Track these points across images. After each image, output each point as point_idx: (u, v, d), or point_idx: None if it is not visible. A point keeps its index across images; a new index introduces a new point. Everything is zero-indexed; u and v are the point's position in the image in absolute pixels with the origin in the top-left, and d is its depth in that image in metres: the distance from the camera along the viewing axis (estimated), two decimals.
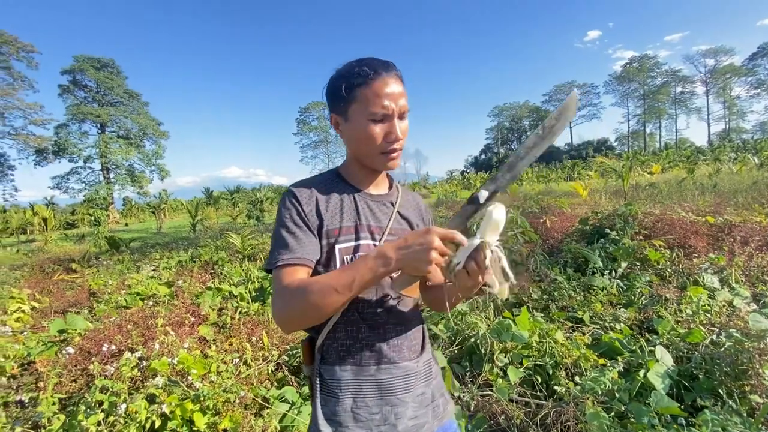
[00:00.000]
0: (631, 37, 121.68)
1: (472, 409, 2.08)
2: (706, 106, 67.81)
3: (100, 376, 1.96)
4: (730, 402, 1.72)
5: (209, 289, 3.77)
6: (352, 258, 0.88)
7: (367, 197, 0.94)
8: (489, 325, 2.59)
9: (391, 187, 1.01)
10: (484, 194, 0.66)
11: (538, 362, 2.29)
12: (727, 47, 64.02)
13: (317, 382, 0.89)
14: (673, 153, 36.14)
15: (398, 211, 0.97)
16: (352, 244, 0.88)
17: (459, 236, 0.70)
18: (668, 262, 3.74)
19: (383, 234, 0.91)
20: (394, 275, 0.83)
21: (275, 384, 2.46)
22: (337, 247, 0.87)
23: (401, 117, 0.87)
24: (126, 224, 28.69)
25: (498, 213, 0.66)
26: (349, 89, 0.84)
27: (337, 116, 0.90)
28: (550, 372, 2.24)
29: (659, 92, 67.61)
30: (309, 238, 0.86)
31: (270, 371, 2.52)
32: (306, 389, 2.29)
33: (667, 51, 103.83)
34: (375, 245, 0.89)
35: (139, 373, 2.09)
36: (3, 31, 29.08)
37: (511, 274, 0.68)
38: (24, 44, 30.24)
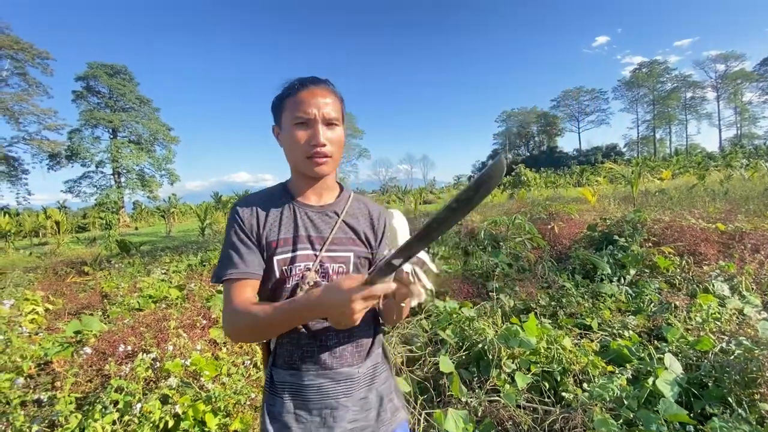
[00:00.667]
0: (640, 43, 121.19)
1: (479, 414, 2.09)
2: (717, 111, 67.10)
3: (116, 376, 2.00)
4: (740, 410, 1.71)
5: (220, 292, 3.82)
6: (290, 269, 0.92)
7: (307, 208, 0.97)
8: (497, 331, 2.60)
9: (339, 196, 1.03)
10: (398, 261, 0.65)
11: (545, 368, 2.30)
12: (738, 53, 63.48)
13: (268, 382, 0.97)
14: (684, 159, 35.75)
15: (344, 221, 0.99)
16: (289, 255, 0.92)
17: (380, 290, 0.68)
18: (678, 270, 3.72)
19: (324, 243, 0.94)
20: None
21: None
22: (275, 258, 0.92)
23: (328, 125, 0.91)
24: (136, 228, 29.07)
25: (398, 222, 0.75)
26: (281, 100, 0.93)
27: (276, 126, 0.98)
28: (558, 378, 2.25)
29: (669, 98, 67.07)
30: (252, 252, 0.92)
31: None
32: None
33: (677, 56, 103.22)
34: (316, 255, 0.93)
35: (152, 374, 2.14)
36: (19, 38, 29.82)
37: (429, 284, 0.71)
38: (39, 51, 30.95)
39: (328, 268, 0.95)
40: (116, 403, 1.86)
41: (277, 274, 0.92)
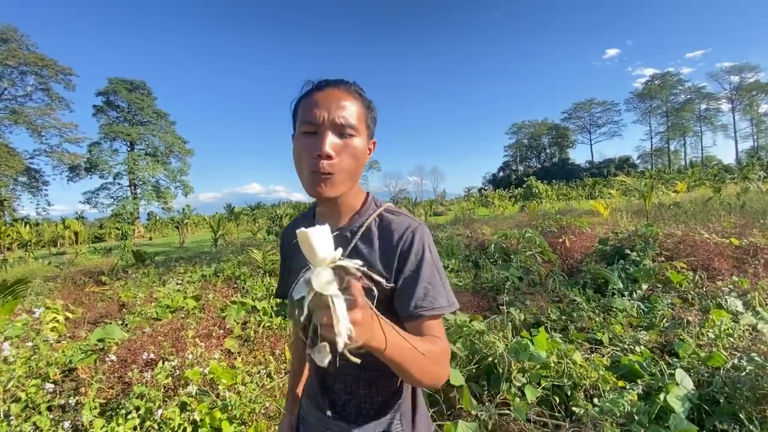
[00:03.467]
0: (651, 55, 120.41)
1: (489, 427, 2.11)
2: (733, 123, 66.10)
3: (137, 383, 2.09)
4: (751, 427, 1.71)
5: (233, 303, 3.91)
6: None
7: None
8: (507, 345, 2.62)
9: (359, 212, 0.84)
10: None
11: (556, 383, 2.31)
12: (752, 64, 62.73)
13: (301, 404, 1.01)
14: (699, 171, 35.20)
15: (357, 245, 0.79)
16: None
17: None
18: (691, 285, 3.69)
19: None
20: None
21: None
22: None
23: (340, 133, 0.73)
24: (150, 238, 29.61)
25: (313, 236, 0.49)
26: (295, 105, 0.80)
27: (293, 138, 0.80)
28: (569, 393, 2.25)
29: (683, 109, 66.36)
30: (283, 282, 0.97)
31: None
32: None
33: (689, 68, 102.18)
34: None
35: (171, 382, 2.21)
36: (44, 55, 31.11)
37: (345, 325, 0.46)
38: (63, 67, 32.23)
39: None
40: (138, 409, 1.94)
41: None
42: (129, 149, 37.01)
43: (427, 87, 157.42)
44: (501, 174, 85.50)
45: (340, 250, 0.51)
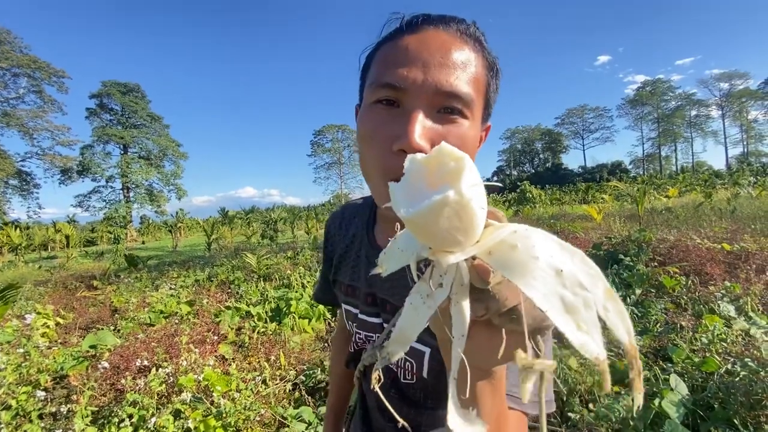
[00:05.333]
0: (642, 62, 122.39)
1: None
2: (723, 129, 67.13)
3: (130, 390, 2.06)
4: None
5: (228, 308, 3.88)
6: (352, 327, 0.68)
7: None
8: None
9: None
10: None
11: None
12: (741, 71, 63.85)
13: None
14: (690, 176, 35.66)
15: None
16: (351, 310, 0.69)
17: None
18: (684, 290, 3.73)
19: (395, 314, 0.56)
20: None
21: (292, 403, 2.52)
22: (342, 304, 0.72)
23: (440, 108, 0.45)
24: (143, 242, 29.33)
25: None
26: (369, 55, 0.52)
27: (358, 105, 0.57)
28: (564, 398, 2.26)
29: (674, 116, 67.31)
30: (326, 283, 0.77)
31: (287, 391, 2.59)
32: (321, 409, 2.34)
33: (679, 75, 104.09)
34: (383, 325, 0.62)
35: (164, 389, 2.19)
36: (37, 57, 30.88)
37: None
38: (56, 70, 31.99)
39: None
40: (131, 416, 1.91)
41: (347, 324, 0.72)
42: (122, 152, 36.75)
43: None
44: (495, 179, 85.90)
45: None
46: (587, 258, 0.24)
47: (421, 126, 0.43)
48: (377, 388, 0.31)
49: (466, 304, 0.26)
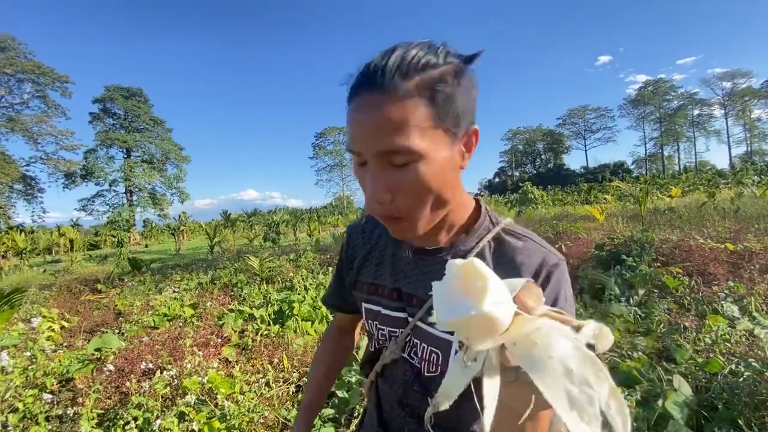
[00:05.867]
0: (643, 62, 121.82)
1: None
2: (726, 128, 66.88)
3: (135, 393, 2.07)
4: None
5: (231, 311, 3.90)
6: (373, 325, 0.71)
7: (411, 249, 0.65)
8: None
9: (467, 233, 0.62)
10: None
11: None
12: (744, 70, 63.65)
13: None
14: (693, 176, 35.53)
15: None
16: (373, 308, 0.71)
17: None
18: (687, 290, 3.72)
19: (423, 309, 0.62)
20: None
21: (296, 405, 2.53)
22: (363, 305, 0.74)
23: (391, 162, 0.50)
24: (146, 245, 29.45)
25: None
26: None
27: None
28: None
29: (676, 115, 67.09)
30: (340, 288, 0.81)
31: (291, 393, 2.60)
32: (326, 411, 2.35)
33: (681, 74, 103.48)
34: (407, 320, 0.64)
35: (169, 391, 2.20)
36: (41, 63, 31.15)
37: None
38: (60, 75, 32.26)
39: (417, 347, 0.64)
40: (136, 419, 1.93)
41: (366, 325, 0.73)
42: (125, 156, 36.98)
43: None
44: (497, 180, 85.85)
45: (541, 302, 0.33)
46: (598, 360, 0.29)
47: (378, 183, 0.50)
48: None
49: (496, 380, 0.32)
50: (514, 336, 0.30)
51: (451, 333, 0.56)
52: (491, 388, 0.32)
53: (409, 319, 0.63)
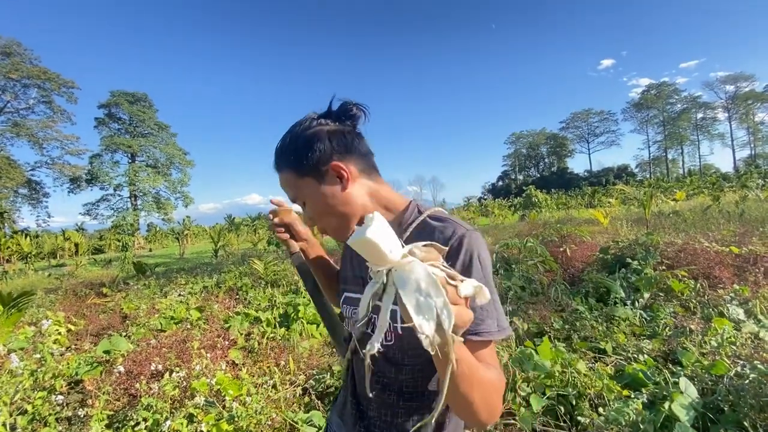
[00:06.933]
0: (646, 65, 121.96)
1: None
2: (730, 132, 66.61)
3: (145, 395, 2.09)
4: None
5: (237, 314, 3.92)
6: (344, 309, 0.87)
7: None
8: (511, 354, 2.63)
9: (399, 223, 0.77)
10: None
11: (561, 392, 2.31)
12: (747, 74, 63.50)
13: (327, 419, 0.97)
14: (698, 179, 35.38)
15: None
16: (342, 294, 0.88)
17: None
18: (692, 293, 3.71)
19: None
20: None
21: (302, 408, 2.55)
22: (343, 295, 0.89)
23: (303, 204, 0.80)
24: (150, 249, 29.61)
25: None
26: None
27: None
28: (574, 402, 2.26)
29: (680, 119, 66.93)
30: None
31: (297, 395, 2.61)
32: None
33: (684, 78, 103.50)
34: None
35: (178, 393, 2.22)
36: (47, 69, 31.48)
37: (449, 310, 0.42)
38: (66, 81, 32.58)
39: (376, 321, 0.73)
40: (145, 420, 1.95)
41: (341, 309, 0.90)
42: (130, 161, 37.23)
43: (427, 98, 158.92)
44: (500, 183, 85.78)
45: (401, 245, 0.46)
46: (439, 284, 0.42)
47: (304, 215, 0.81)
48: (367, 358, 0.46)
49: (388, 295, 0.45)
50: (397, 264, 0.43)
51: (395, 304, 0.70)
52: (386, 301, 0.45)
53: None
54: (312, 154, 0.74)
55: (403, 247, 0.45)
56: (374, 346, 0.45)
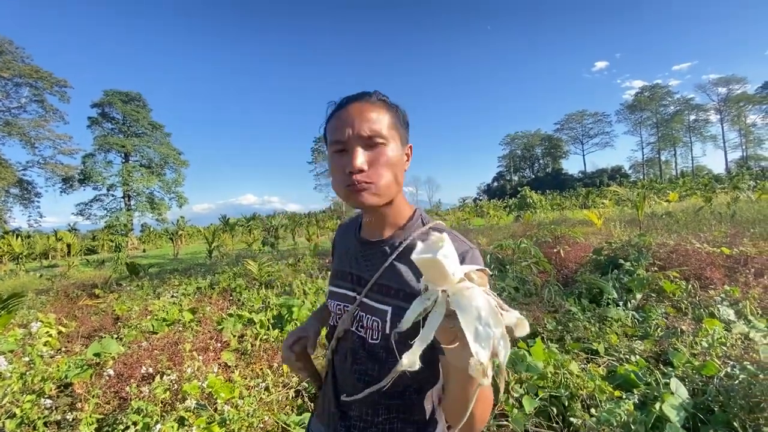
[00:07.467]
0: (639, 67, 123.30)
1: None
2: (722, 133, 67.33)
3: (135, 398, 2.07)
4: None
5: (230, 315, 3.89)
6: (332, 303, 0.88)
7: (361, 242, 0.86)
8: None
9: (402, 228, 0.81)
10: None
11: (553, 393, 2.32)
12: (739, 76, 64.22)
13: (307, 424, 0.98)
14: (690, 181, 35.72)
15: (395, 262, 0.77)
16: (333, 288, 0.90)
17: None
18: (684, 294, 3.74)
19: (365, 287, 0.79)
20: None
21: (295, 410, 2.53)
22: (328, 286, 0.93)
23: (367, 145, 0.72)
24: (144, 250, 29.35)
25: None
26: (324, 128, 0.81)
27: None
28: (566, 403, 2.27)
29: (672, 120, 67.58)
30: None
31: (290, 397, 2.59)
32: None
33: (677, 80, 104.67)
34: (355, 298, 0.81)
35: (169, 396, 2.20)
36: (39, 67, 31.10)
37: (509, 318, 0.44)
38: (58, 79, 32.20)
39: (363, 318, 0.79)
40: (135, 424, 1.93)
41: (328, 303, 0.90)
42: (123, 161, 36.87)
43: (422, 100, 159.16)
44: (495, 184, 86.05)
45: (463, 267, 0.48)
46: (499, 315, 0.43)
47: (359, 155, 0.71)
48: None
49: (436, 315, 0.45)
50: (455, 288, 0.44)
51: (387, 305, 0.76)
52: (433, 319, 0.45)
53: (357, 297, 0.81)
54: (407, 125, 0.82)
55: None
56: (415, 362, 0.45)
